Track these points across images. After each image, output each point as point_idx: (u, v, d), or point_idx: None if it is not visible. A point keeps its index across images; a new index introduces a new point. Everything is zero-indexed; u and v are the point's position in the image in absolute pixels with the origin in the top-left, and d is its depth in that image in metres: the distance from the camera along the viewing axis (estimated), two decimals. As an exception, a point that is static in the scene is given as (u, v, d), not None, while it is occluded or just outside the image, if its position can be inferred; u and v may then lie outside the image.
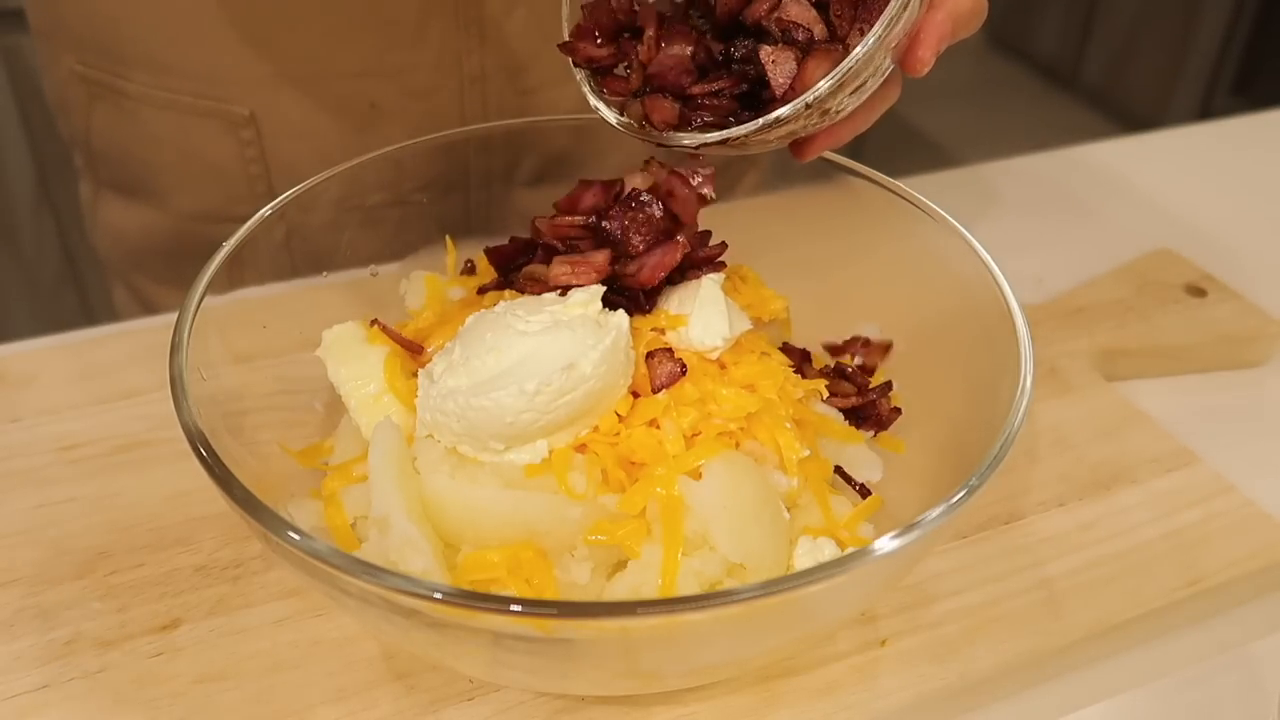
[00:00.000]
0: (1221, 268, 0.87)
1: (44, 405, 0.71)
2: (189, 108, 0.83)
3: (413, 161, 0.68)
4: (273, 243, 0.61)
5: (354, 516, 0.54)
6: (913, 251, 0.64)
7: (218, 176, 0.86)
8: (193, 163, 0.86)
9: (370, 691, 0.54)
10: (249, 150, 0.85)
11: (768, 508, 0.53)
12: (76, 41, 0.85)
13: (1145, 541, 0.63)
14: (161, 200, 0.89)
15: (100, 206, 0.95)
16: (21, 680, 0.55)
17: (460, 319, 0.57)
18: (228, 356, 0.56)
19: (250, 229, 0.59)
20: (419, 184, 0.70)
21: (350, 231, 0.67)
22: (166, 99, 0.83)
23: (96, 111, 0.87)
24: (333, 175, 0.64)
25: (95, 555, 0.61)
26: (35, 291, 1.75)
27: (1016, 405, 0.49)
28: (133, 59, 0.83)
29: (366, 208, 0.67)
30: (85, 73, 0.85)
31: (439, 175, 0.72)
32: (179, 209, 0.89)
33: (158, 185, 0.89)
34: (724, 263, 0.61)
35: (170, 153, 0.86)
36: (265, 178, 0.86)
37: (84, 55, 0.85)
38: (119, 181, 0.91)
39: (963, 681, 0.56)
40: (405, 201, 0.69)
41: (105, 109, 0.86)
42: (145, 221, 0.91)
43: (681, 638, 0.45)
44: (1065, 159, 1.08)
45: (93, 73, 0.85)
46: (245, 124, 0.83)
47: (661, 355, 0.54)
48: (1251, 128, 1.16)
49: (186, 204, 0.89)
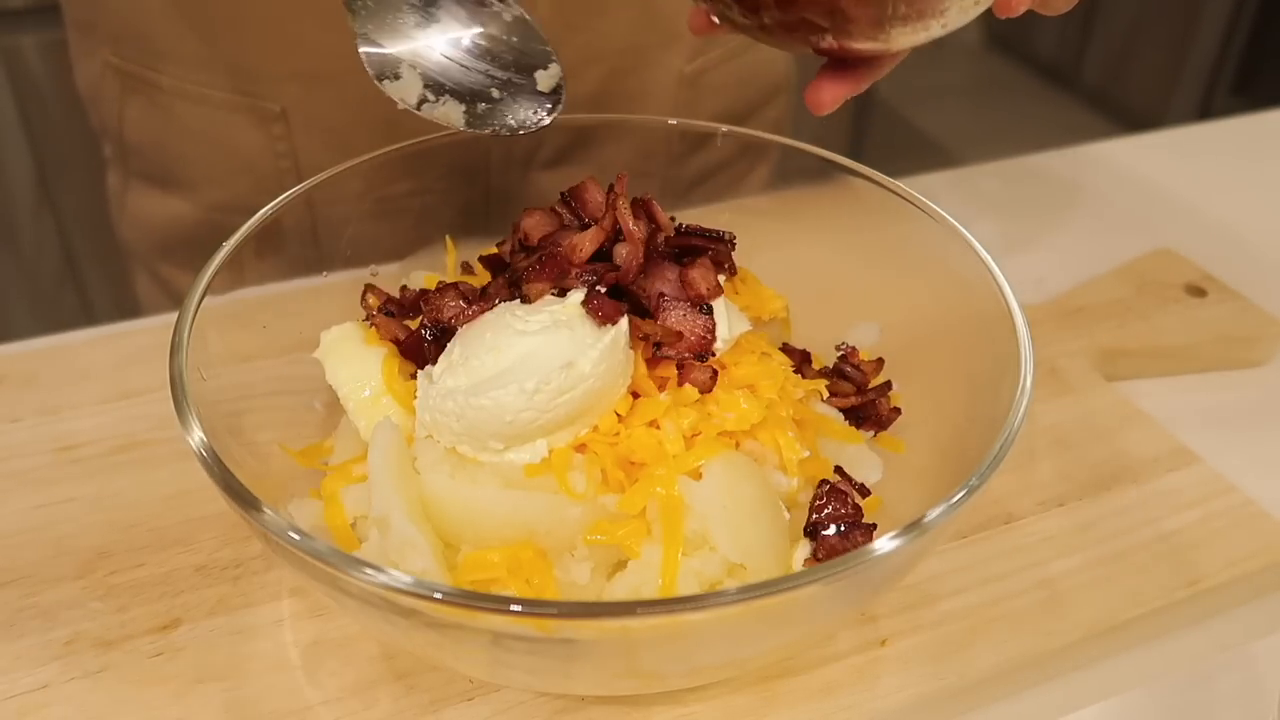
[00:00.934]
0: (1221, 268, 0.87)
1: (44, 405, 0.71)
2: (221, 102, 0.84)
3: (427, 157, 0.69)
4: (293, 234, 0.62)
5: (354, 516, 0.54)
6: (913, 251, 0.64)
7: (247, 169, 0.87)
8: (223, 155, 0.87)
9: (370, 691, 0.54)
10: (279, 145, 0.86)
11: (768, 508, 0.53)
12: (113, 35, 0.86)
13: (1145, 541, 0.63)
14: (190, 191, 0.90)
15: (129, 196, 0.96)
16: (21, 680, 0.55)
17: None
18: (228, 356, 0.56)
19: (253, 226, 0.59)
20: (439, 174, 0.70)
21: (368, 224, 0.67)
22: (199, 93, 0.84)
23: (130, 103, 0.88)
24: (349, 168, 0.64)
25: (95, 555, 0.61)
26: (35, 291, 1.75)
27: (1016, 405, 0.49)
28: (168, 53, 0.84)
29: (389, 198, 0.67)
30: (121, 65, 0.86)
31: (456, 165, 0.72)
32: (208, 200, 0.90)
33: (188, 176, 0.90)
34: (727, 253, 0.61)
35: (202, 146, 0.87)
36: (295, 171, 0.87)
37: (120, 48, 0.86)
38: (149, 172, 0.92)
39: (963, 681, 0.56)
40: (428, 190, 0.69)
41: (138, 101, 0.87)
42: (173, 211, 0.92)
43: (681, 638, 0.44)
44: (1065, 159, 1.08)
45: (128, 65, 0.86)
46: (276, 119, 0.84)
47: (690, 364, 0.55)
48: (1251, 128, 1.16)
49: (215, 195, 0.90)
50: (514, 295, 0.57)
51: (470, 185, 0.75)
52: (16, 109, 1.58)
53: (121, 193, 0.96)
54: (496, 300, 0.57)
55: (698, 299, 0.56)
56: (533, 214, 0.61)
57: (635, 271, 0.56)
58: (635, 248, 0.56)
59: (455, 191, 0.72)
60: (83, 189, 1.66)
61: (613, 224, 0.57)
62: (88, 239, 1.71)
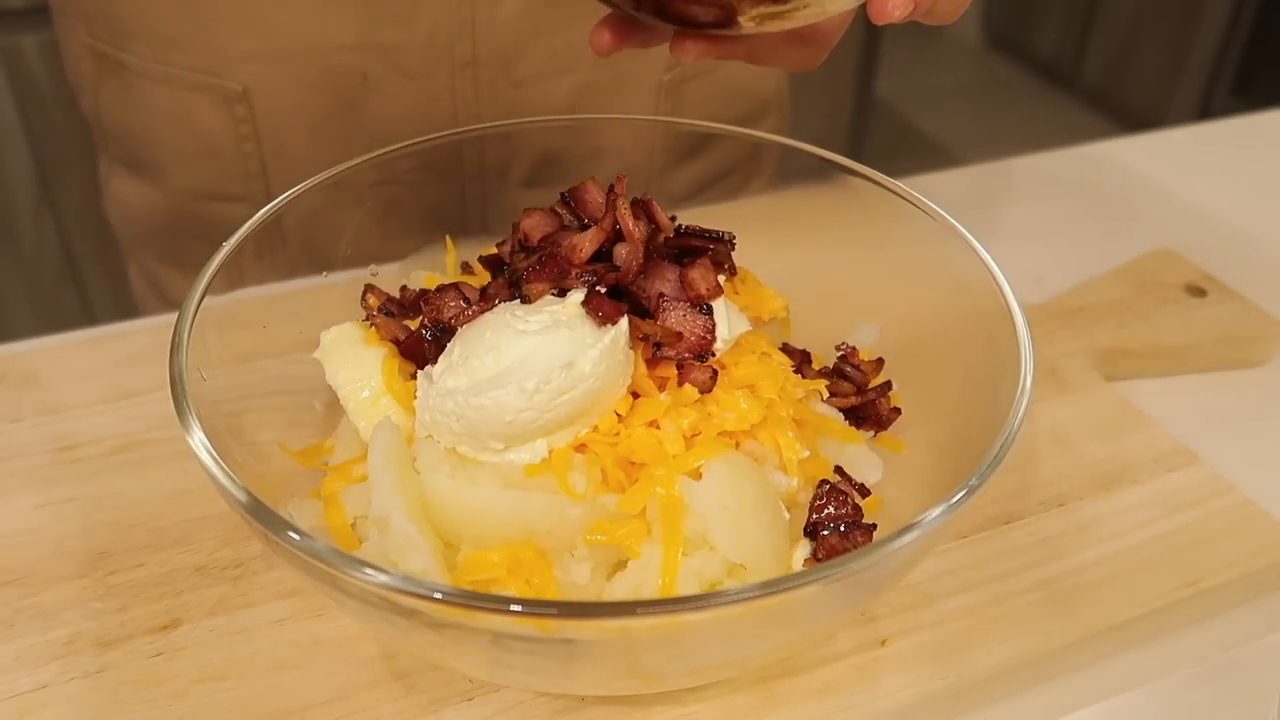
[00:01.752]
0: (1221, 268, 0.87)
1: (44, 405, 0.71)
2: (184, 82, 0.84)
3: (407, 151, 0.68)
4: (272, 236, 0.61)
5: (354, 516, 0.54)
6: (913, 251, 0.64)
7: (212, 154, 0.87)
8: (188, 139, 0.87)
9: (370, 691, 0.54)
10: (243, 127, 0.85)
11: (768, 508, 0.53)
12: (86, 14, 0.86)
13: (1145, 541, 0.63)
14: (160, 177, 0.90)
15: (112, 182, 0.96)
16: (21, 680, 0.55)
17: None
18: (228, 356, 0.56)
19: (250, 229, 0.59)
20: (412, 166, 0.70)
21: (346, 213, 0.67)
22: (163, 73, 0.84)
23: (104, 86, 0.88)
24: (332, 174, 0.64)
25: (95, 555, 0.61)
26: (35, 291, 1.75)
27: (1016, 405, 0.49)
28: (134, 31, 0.83)
29: (361, 187, 0.67)
30: (94, 45, 0.86)
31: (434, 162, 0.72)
32: (176, 186, 0.91)
33: (157, 161, 0.90)
34: (727, 253, 0.61)
35: (168, 128, 0.87)
36: (258, 155, 0.87)
37: (93, 27, 0.86)
38: (125, 157, 0.92)
39: (963, 681, 0.56)
40: (399, 181, 0.69)
41: (112, 84, 0.88)
42: (147, 198, 0.92)
43: (681, 638, 0.44)
44: (1065, 159, 1.08)
45: (100, 45, 0.86)
46: (239, 99, 0.84)
47: (690, 365, 0.55)
48: (1251, 128, 1.16)
49: (183, 181, 0.90)
50: (514, 295, 0.57)
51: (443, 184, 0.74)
52: (16, 109, 1.58)
53: (107, 179, 0.96)
54: (496, 300, 0.57)
55: (697, 299, 0.56)
56: (532, 214, 0.61)
57: (635, 272, 0.56)
58: (635, 248, 0.56)
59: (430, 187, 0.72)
60: (83, 189, 1.66)
61: (612, 224, 0.57)
62: (88, 239, 1.71)
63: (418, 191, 0.70)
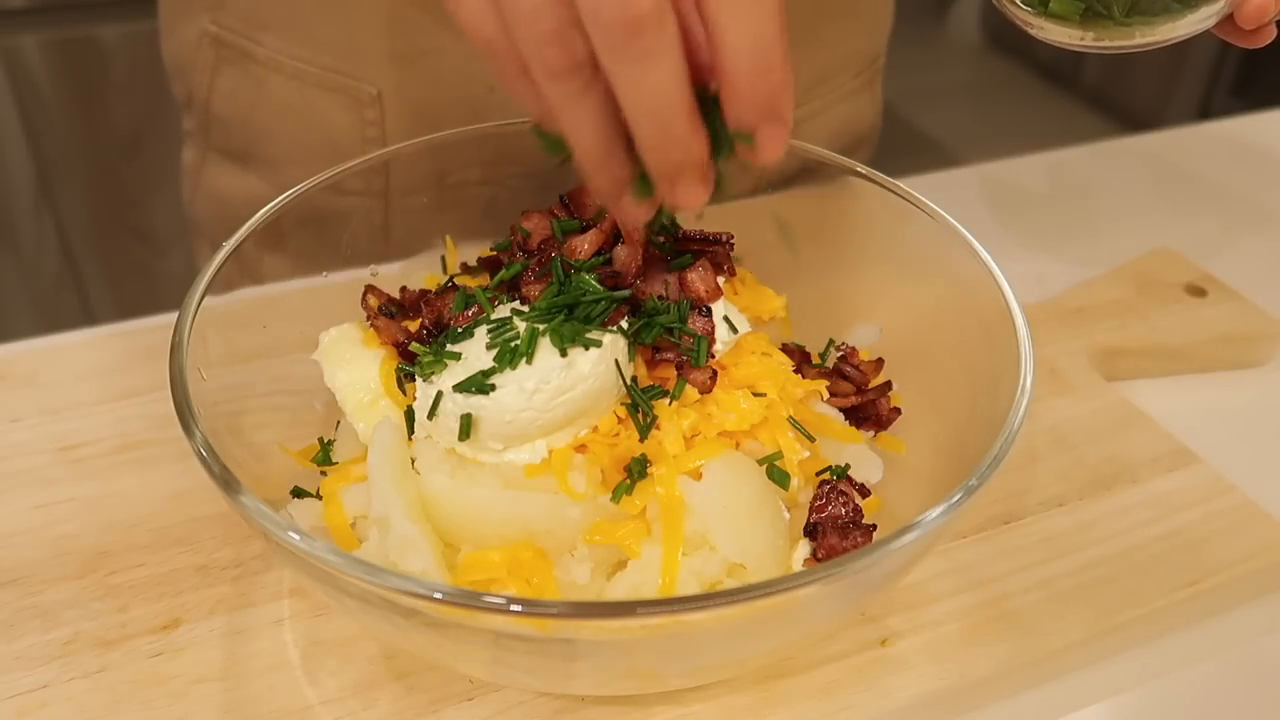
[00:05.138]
0: (1221, 268, 0.87)
1: (44, 405, 0.71)
2: (316, 80, 0.82)
3: None
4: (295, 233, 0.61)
5: (354, 516, 0.54)
6: (913, 251, 0.64)
7: (333, 151, 0.84)
8: (311, 135, 0.85)
9: (370, 691, 0.54)
10: (370, 130, 0.84)
11: (768, 508, 0.53)
12: (215, 1, 0.84)
13: (1145, 541, 0.63)
14: (272, 169, 0.89)
15: (205, 171, 0.94)
16: (21, 680, 0.55)
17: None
18: (228, 356, 0.56)
19: (250, 229, 0.59)
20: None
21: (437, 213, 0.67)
22: (296, 69, 0.82)
23: (222, 74, 0.86)
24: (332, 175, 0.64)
25: (95, 555, 0.61)
26: (35, 291, 1.75)
27: (1016, 405, 0.49)
28: (270, 24, 0.82)
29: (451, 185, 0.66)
30: (218, 34, 0.84)
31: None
32: (288, 179, 0.88)
33: (270, 154, 0.88)
34: (726, 255, 0.61)
35: (290, 123, 0.85)
36: None
37: (220, 16, 0.84)
38: (230, 148, 0.90)
39: (963, 681, 0.56)
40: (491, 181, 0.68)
41: (231, 72, 0.86)
42: (250, 189, 0.90)
43: (681, 638, 0.45)
44: (1065, 159, 1.08)
45: (226, 34, 0.84)
46: (371, 103, 0.82)
47: (689, 367, 0.55)
48: (1251, 128, 1.16)
49: (297, 175, 0.88)
50: (514, 295, 0.57)
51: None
52: (16, 109, 1.58)
53: (198, 168, 0.94)
54: (496, 301, 0.57)
55: (697, 302, 0.56)
56: (531, 216, 0.61)
57: (634, 274, 0.56)
58: (634, 250, 0.56)
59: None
60: (83, 189, 1.66)
61: (612, 226, 0.57)
62: (88, 239, 1.71)
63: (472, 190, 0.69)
